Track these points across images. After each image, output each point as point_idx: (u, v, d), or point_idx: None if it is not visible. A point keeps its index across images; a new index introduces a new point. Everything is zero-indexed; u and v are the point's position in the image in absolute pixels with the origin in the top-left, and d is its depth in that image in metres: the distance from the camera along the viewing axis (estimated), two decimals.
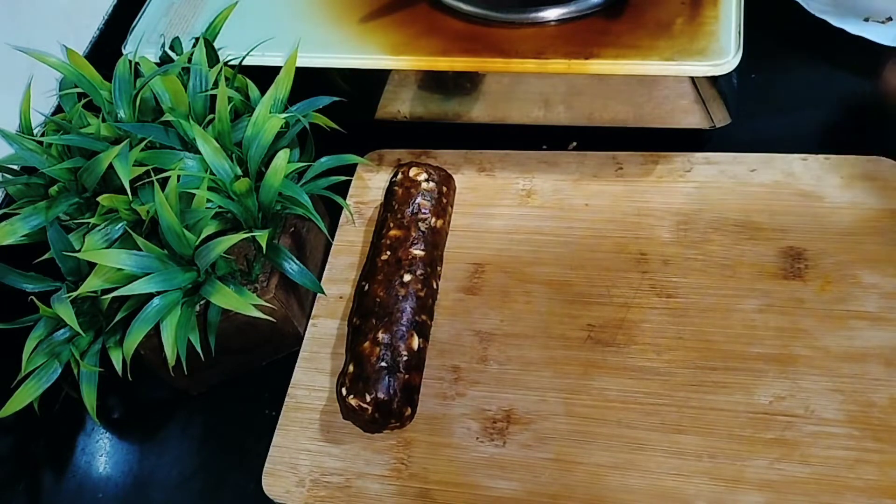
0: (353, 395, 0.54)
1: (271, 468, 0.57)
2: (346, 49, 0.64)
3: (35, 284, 0.57)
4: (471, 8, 0.64)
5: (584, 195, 0.66)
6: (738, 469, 0.51)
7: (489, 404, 0.57)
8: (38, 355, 0.55)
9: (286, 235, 0.62)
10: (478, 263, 0.64)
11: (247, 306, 0.54)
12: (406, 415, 0.55)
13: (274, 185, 0.56)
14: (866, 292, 0.57)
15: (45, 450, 0.63)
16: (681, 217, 0.63)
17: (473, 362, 0.59)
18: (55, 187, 0.57)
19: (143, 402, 0.65)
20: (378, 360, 0.55)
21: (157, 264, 0.53)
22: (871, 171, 0.62)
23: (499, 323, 0.60)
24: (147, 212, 0.54)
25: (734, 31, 0.58)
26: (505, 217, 0.66)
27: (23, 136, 0.59)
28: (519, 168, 0.69)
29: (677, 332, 0.57)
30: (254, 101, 0.61)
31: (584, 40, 0.60)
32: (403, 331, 0.56)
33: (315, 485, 0.56)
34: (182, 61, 0.60)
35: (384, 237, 0.61)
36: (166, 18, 0.70)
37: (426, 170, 0.64)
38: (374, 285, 0.59)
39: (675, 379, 0.55)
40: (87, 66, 0.61)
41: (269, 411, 0.60)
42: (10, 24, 0.67)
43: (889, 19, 0.70)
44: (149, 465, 0.62)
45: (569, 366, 0.57)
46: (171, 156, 0.57)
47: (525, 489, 0.53)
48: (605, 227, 0.63)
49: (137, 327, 0.53)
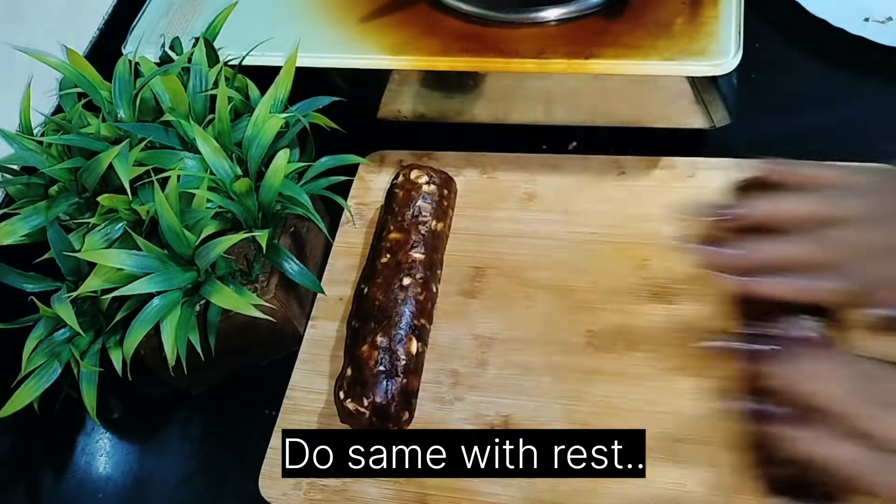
0: (350, 399, 0.54)
1: (268, 470, 0.57)
2: (346, 49, 0.64)
3: (35, 284, 0.57)
4: (471, 8, 0.64)
5: (586, 199, 0.65)
6: (740, 479, 0.51)
7: (488, 409, 0.57)
8: (38, 355, 0.55)
9: (286, 235, 0.62)
10: (478, 267, 0.64)
11: (247, 306, 0.54)
12: (404, 419, 0.55)
13: (274, 185, 0.56)
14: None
15: (45, 450, 0.63)
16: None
17: (472, 367, 0.59)
18: (55, 187, 0.57)
19: (143, 402, 0.65)
20: (376, 364, 0.55)
21: (157, 264, 0.53)
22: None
23: (498, 327, 0.60)
24: (147, 212, 0.54)
25: (734, 32, 0.58)
26: (506, 220, 0.66)
27: (23, 136, 0.59)
28: (521, 171, 0.68)
29: (678, 339, 0.57)
30: (254, 101, 0.61)
31: (584, 40, 0.60)
32: (402, 335, 0.56)
33: (312, 487, 0.56)
34: (182, 61, 0.60)
35: (384, 240, 0.61)
36: (166, 18, 0.70)
37: (427, 172, 0.64)
38: (373, 288, 0.59)
39: (674, 386, 0.55)
40: (87, 66, 0.61)
41: (269, 411, 0.60)
42: (10, 24, 0.67)
43: (889, 19, 0.70)
44: (149, 465, 0.62)
45: (568, 371, 0.57)
46: (170, 156, 0.57)
47: (522, 495, 0.53)
48: (607, 232, 0.63)
49: (137, 327, 0.53)
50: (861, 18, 0.70)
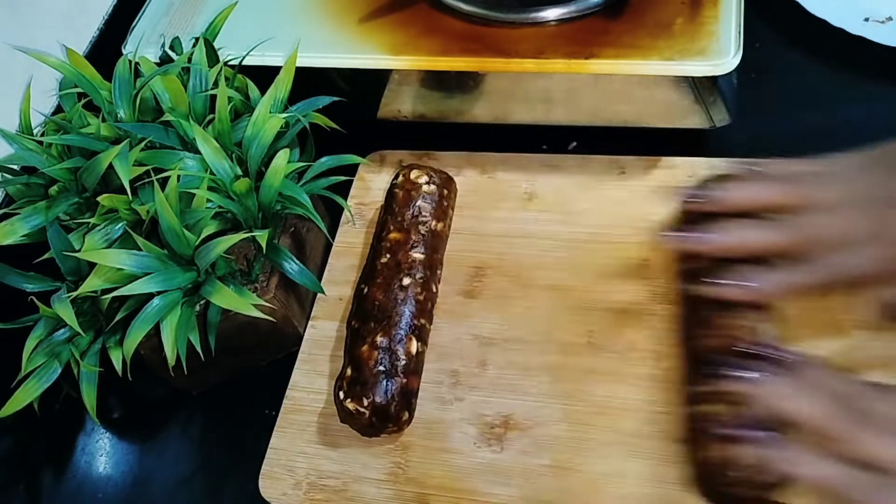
0: (350, 399, 0.54)
1: (268, 470, 0.57)
2: (346, 49, 0.64)
3: (35, 284, 0.57)
4: (471, 8, 0.64)
5: (587, 199, 0.65)
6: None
7: (488, 409, 0.57)
8: (38, 355, 0.55)
9: (286, 235, 0.62)
10: (478, 267, 0.64)
11: (247, 306, 0.54)
12: (403, 419, 0.55)
13: (274, 185, 0.56)
14: (868, 301, 0.56)
15: (45, 450, 0.63)
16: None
17: (472, 367, 0.59)
18: (55, 187, 0.57)
19: (143, 402, 0.65)
20: (376, 364, 0.55)
21: (156, 264, 0.53)
22: None
23: (498, 327, 0.60)
24: (147, 212, 0.54)
25: (734, 31, 0.58)
26: (506, 220, 0.66)
27: (23, 136, 0.59)
28: (521, 171, 0.68)
29: (678, 340, 0.57)
30: (254, 101, 0.61)
31: (584, 40, 0.60)
32: (402, 335, 0.56)
33: (312, 488, 0.56)
34: (182, 61, 0.60)
35: (384, 240, 0.61)
36: (166, 18, 0.70)
37: (427, 172, 0.64)
38: (373, 288, 0.58)
39: (674, 387, 0.55)
40: (87, 66, 0.61)
41: (270, 411, 0.60)
42: (10, 24, 0.67)
43: (889, 19, 0.70)
44: (149, 464, 0.62)
45: (568, 371, 0.57)
46: (170, 156, 0.57)
47: (522, 495, 0.53)
48: (607, 232, 0.63)
49: (137, 327, 0.53)
50: (861, 18, 0.70)
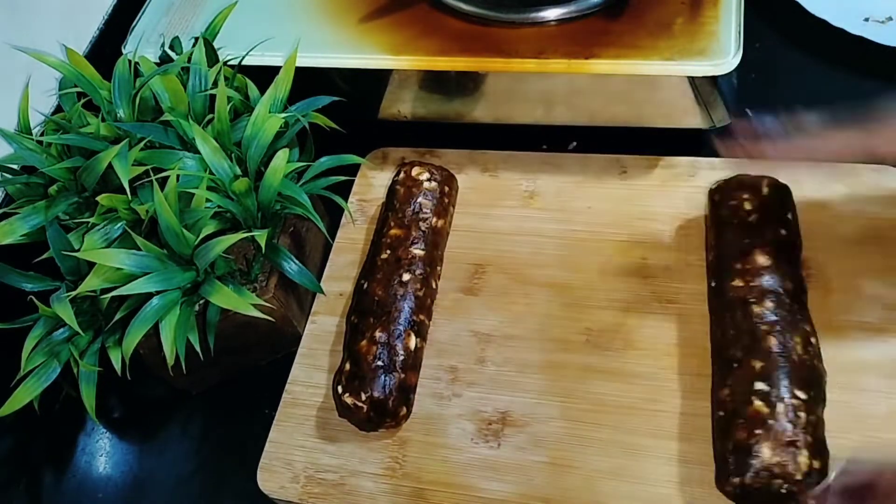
0: (348, 394, 0.54)
1: (267, 464, 0.57)
2: (346, 49, 0.64)
3: (34, 284, 0.57)
4: (471, 8, 0.64)
5: (587, 198, 0.65)
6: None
7: (485, 405, 0.57)
8: (37, 354, 0.55)
9: (285, 235, 0.62)
10: (478, 264, 0.64)
11: (246, 306, 0.54)
12: (401, 414, 0.55)
13: (273, 184, 0.56)
14: (869, 302, 0.56)
15: (45, 450, 0.63)
16: (683, 222, 0.62)
17: (471, 363, 0.59)
18: (54, 187, 0.57)
19: (142, 402, 0.65)
20: (375, 359, 0.55)
21: (156, 264, 0.53)
22: (876, 180, 0.61)
23: (497, 324, 0.60)
24: (146, 211, 0.54)
25: (734, 31, 0.58)
26: (507, 218, 0.66)
27: (22, 136, 0.59)
28: (522, 169, 0.68)
29: (676, 339, 0.57)
30: (253, 101, 0.61)
31: (584, 40, 0.60)
32: (401, 330, 0.56)
33: (309, 481, 0.56)
34: (182, 61, 0.60)
35: (384, 236, 0.61)
36: (166, 18, 0.70)
37: (428, 169, 0.64)
38: (373, 284, 0.59)
39: (671, 385, 0.55)
40: (87, 66, 0.61)
41: (269, 411, 0.60)
42: (9, 24, 0.67)
43: (889, 19, 0.70)
44: (149, 464, 0.62)
45: (566, 369, 0.57)
46: (170, 155, 0.57)
47: (518, 492, 0.53)
48: (607, 231, 0.63)
49: (136, 327, 0.53)
50: (861, 18, 0.70)
